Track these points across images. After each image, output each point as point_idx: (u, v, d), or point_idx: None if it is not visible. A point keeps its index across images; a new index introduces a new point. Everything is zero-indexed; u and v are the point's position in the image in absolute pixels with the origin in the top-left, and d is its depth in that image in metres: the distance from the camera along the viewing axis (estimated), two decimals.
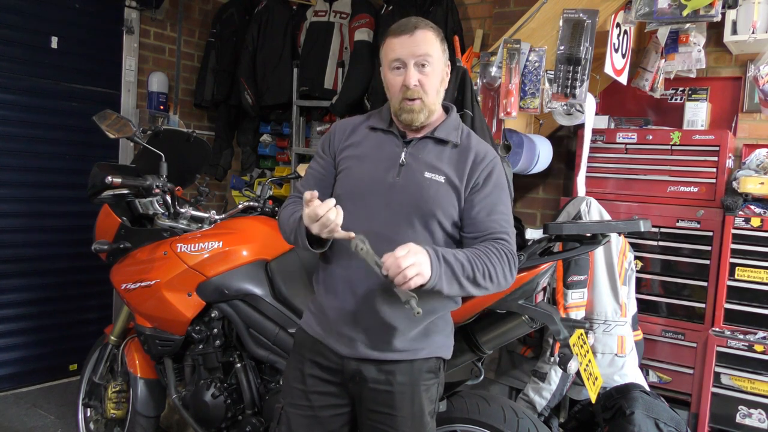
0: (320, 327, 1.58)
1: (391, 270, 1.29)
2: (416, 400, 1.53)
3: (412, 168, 1.52)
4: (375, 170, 1.53)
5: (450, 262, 1.37)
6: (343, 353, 1.52)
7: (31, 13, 3.39)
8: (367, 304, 1.49)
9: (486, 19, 3.60)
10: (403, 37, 1.49)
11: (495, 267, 1.42)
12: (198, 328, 2.19)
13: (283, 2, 4.04)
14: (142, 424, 2.40)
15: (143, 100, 3.95)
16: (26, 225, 3.49)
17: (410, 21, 1.51)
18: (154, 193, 2.26)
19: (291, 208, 1.59)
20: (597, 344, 2.45)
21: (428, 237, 1.50)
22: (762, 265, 2.47)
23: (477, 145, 1.57)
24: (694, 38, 2.65)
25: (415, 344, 1.52)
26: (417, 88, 1.48)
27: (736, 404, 2.46)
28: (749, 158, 2.67)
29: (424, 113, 1.51)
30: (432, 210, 1.49)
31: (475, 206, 1.51)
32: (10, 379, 3.47)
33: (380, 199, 1.51)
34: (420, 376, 1.53)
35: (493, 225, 1.50)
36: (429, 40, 1.49)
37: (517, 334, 1.90)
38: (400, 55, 1.49)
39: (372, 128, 1.60)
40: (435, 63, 1.50)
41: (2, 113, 3.34)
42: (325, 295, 1.57)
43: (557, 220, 2.71)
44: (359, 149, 1.58)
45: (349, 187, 1.55)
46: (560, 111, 2.57)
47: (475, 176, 1.52)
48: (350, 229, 1.41)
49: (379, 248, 1.38)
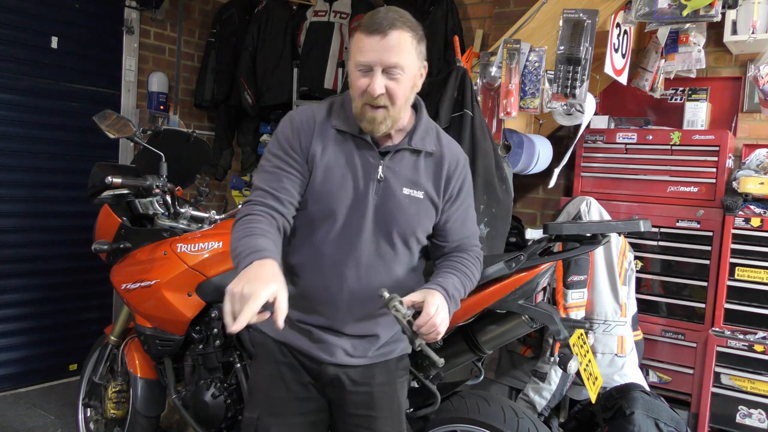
0: (290, 331, 1.47)
1: (425, 328, 1.26)
2: (395, 398, 1.54)
3: (391, 184, 1.41)
4: (352, 186, 1.39)
5: (455, 296, 1.39)
6: (323, 359, 1.46)
7: (31, 13, 3.39)
8: (345, 322, 1.45)
9: (486, 19, 3.60)
10: (374, 38, 1.30)
11: (475, 277, 1.50)
12: (198, 328, 2.19)
13: (283, 2, 4.04)
14: (142, 424, 2.40)
15: (143, 100, 3.95)
16: (26, 225, 3.49)
17: (386, 17, 1.31)
18: (154, 193, 2.26)
19: (249, 225, 1.31)
20: (597, 344, 2.45)
21: (408, 255, 1.48)
22: (762, 265, 2.47)
23: (449, 149, 1.49)
24: (694, 38, 2.65)
25: (391, 346, 1.53)
26: (382, 97, 1.32)
27: (736, 404, 2.46)
28: (749, 158, 2.67)
29: (386, 124, 1.36)
30: (413, 229, 1.44)
31: (450, 218, 1.50)
32: (10, 379, 3.47)
33: (358, 219, 1.40)
34: (396, 374, 1.55)
35: (465, 233, 1.53)
36: (403, 45, 1.31)
37: (517, 334, 1.90)
38: (368, 59, 1.31)
39: (339, 131, 1.42)
40: (407, 71, 1.33)
41: (2, 113, 3.34)
42: (293, 308, 1.37)
43: (557, 220, 2.71)
44: (330, 159, 1.40)
45: (324, 203, 1.40)
46: (560, 111, 2.57)
47: (451, 187, 1.48)
48: (323, 250, 1.39)
49: (355, 272, 1.40)
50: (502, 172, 2.36)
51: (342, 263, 1.41)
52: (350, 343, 1.46)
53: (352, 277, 1.42)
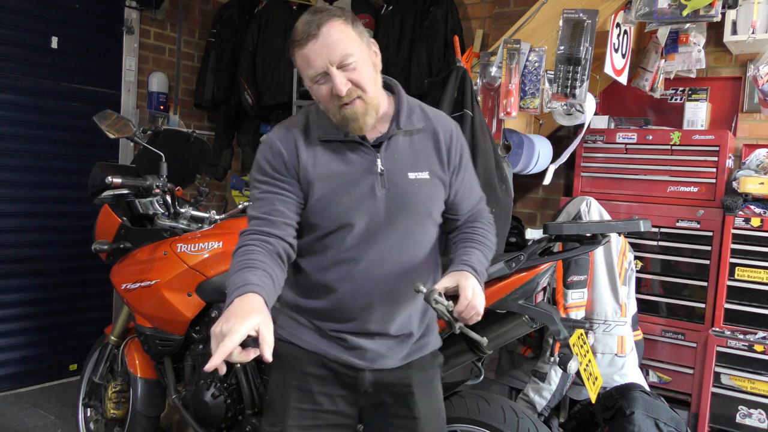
0: (323, 340, 1.44)
1: (466, 313, 1.25)
2: (434, 397, 1.51)
3: (394, 173, 1.37)
4: (357, 189, 1.36)
5: (482, 271, 1.36)
6: (360, 366, 1.42)
7: (31, 13, 3.39)
8: (382, 322, 1.41)
9: (486, 19, 3.60)
10: (311, 44, 1.26)
11: (493, 243, 1.48)
12: (198, 328, 2.19)
13: (283, 2, 4.04)
14: (142, 424, 2.40)
15: (143, 100, 3.95)
16: (26, 225, 3.49)
17: (310, 21, 1.27)
18: (154, 193, 2.26)
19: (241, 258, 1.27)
20: (597, 344, 2.45)
21: (427, 236, 1.45)
22: (762, 265, 2.47)
23: (438, 121, 1.46)
24: (694, 38, 2.65)
25: (422, 341, 1.50)
26: (350, 89, 1.28)
27: (736, 404, 2.46)
28: (749, 158, 2.67)
29: (370, 114, 1.32)
30: (428, 210, 1.43)
31: (459, 190, 1.48)
32: (10, 379, 3.47)
33: (374, 218, 1.37)
34: (433, 371, 1.52)
35: (473, 200, 1.53)
36: (340, 33, 1.27)
37: (517, 334, 1.90)
38: (318, 66, 1.27)
39: (325, 141, 1.38)
40: (358, 55, 1.28)
41: (2, 113, 3.34)
42: (328, 320, 1.43)
43: (557, 220, 2.71)
44: (324, 170, 1.36)
45: (335, 215, 1.36)
46: (560, 111, 2.57)
47: (452, 158, 1.45)
48: (349, 257, 1.36)
49: (384, 271, 1.38)
50: (502, 172, 2.36)
51: (369, 264, 1.38)
52: (385, 345, 1.43)
53: (382, 274, 1.39)
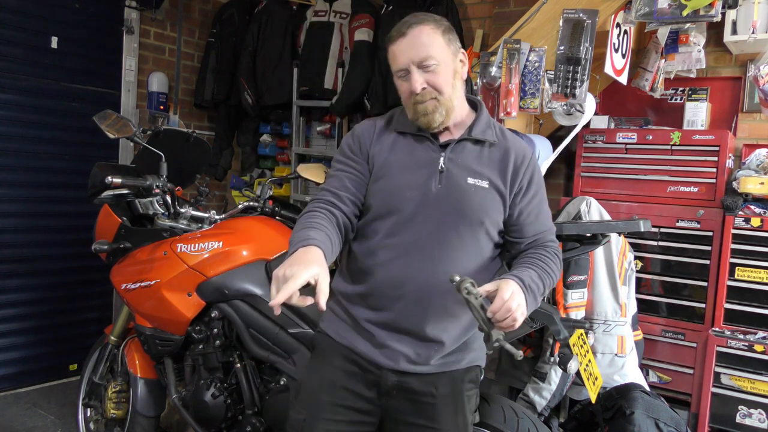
0: (354, 334, 1.48)
1: (500, 314, 1.22)
2: (460, 412, 1.48)
3: (454, 174, 1.42)
4: (414, 179, 1.43)
5: (533, 288, 1.33)
6: (384, 365, 1.44)
7: (31, 13, 3.39)
8: (413, 318, 1.43)
9: (486, 19, 3.60)
10: (399, 42, 1.40)
11: (555, 273, 1.43)
12: (198, 328, 2.19)
13: (283, 2, 4.04)
14: (142, 424, 2.40)
15: (143, 100, 3.95)
16: (26, 225, 3.49)
17: (405, 22, 1.41)
18: (154, 193, 2.26)
19: (306, 220, 1.39)
20: (597, 344, 2.45)
21: (476, 246, 1.45)
22: (762, 265, 2.47)
23: (514, 143, 1.50)
24: (694, 38, 2.65)
25: (457, 355, 1.49)
26: (426, 91, 1.39)
27: (736, 404, 2.46)
28: (749, 158, 2.67)
29: (440, 112, 1.41)
30: (480, 218, 1.42)
31: (523, 212, 1.47)
32: (10, 379, 3.47)
33: (423, 210, 1.41)
34: (462, 387, 1.50)
35: (541, 227, 1.49)
36: (426, 37, 1.38)
37: (517, 334, 1.90)
38: (401, 62, 1.40)
39: (400, 132, 1.49)
40: (440, 60, 1.39)
41: (2, 113, 3.34)
42: (363, 306, 1.47)
43: (557, 220, 2.71)
44: (391, 156, 1.46)
45: (387, 198, 1.44)
46: (560, 111, 2.57)
47: (519, 179, 1.46)
48: (391, 244, 1.41)
49: (424, 264, 1.38)
50: None
51: (408, 254, 1.41)
52: (413, 349, 1.43)
53: (419, 268, 1.40)
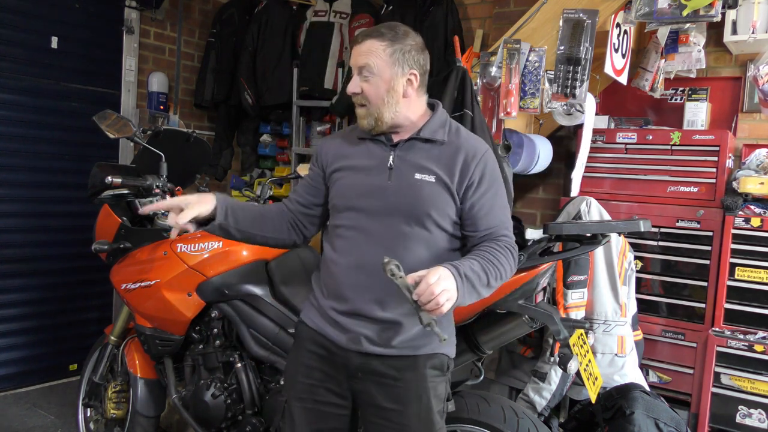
0: (322, 320, 1.60)
1: (424, 297, 1.28)
2: (423, 397, 1.54)
3: (402, 170, 1.54)
4: (366, 176, 1.57)
5: (470, 277, 1.37)
6: (348, 347, 1.55)
7: (31, 13, 3.39)
8: (372, 303, 1.52)
9: (486, 19, 3.60)
10: (356, 46, 1.55)
11: (503, 266, 1.47)
12: (198, 328, 2.19)
13: (283, 2, 4.04)
14: (142, 424, 2.40)
15: (143, 100, 3.95)
16: (26, 225, 3.49)
17: (371, 30, 1.55)
18: (154, 193, 2.26)
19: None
20: (597, 344, 2.45)
21: (426, 236, 1.53)
22: (762, 265, 2.47)
23: (467, 141, 1.58)
24: (694, 38, 2.65)
25: (419, 341, 1.54)
26: (358, 96, 1.54)
27: (736, 404, 2.46)
28: (749, 158, 2.67)
29: (369, 120, 1.55)
30: (426, 210, 1.52)
31: (475, 205, 1.53)
32: (10, 379, 3.47)
33: (374, 203, 1.54)
34: (425, 372, 1.55)
35: (493, 221, 1.54)
36: (373, 50, 1.51)
37: (517, 334, 1.90)
38: (352, 64, 1.56)
39: (360, 138, 1.63)
40: (377, 72, 1.51)
41: (2, 113, 3.34)
42: (328, 296, 1.60)
43: (557, 220, 2.71)
44: (351, 160, 1.62)
45: (344, 195, 1.59)
46: (560, 111, 2.57)
47: (469, 174, 1.53)
48: (349, 236, 1.55)
49: (377, 252, 1.44)
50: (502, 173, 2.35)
51: (364, 244, 1.54)
52: (373, 330, 1.52)
53: (373, 254, 1.48)
